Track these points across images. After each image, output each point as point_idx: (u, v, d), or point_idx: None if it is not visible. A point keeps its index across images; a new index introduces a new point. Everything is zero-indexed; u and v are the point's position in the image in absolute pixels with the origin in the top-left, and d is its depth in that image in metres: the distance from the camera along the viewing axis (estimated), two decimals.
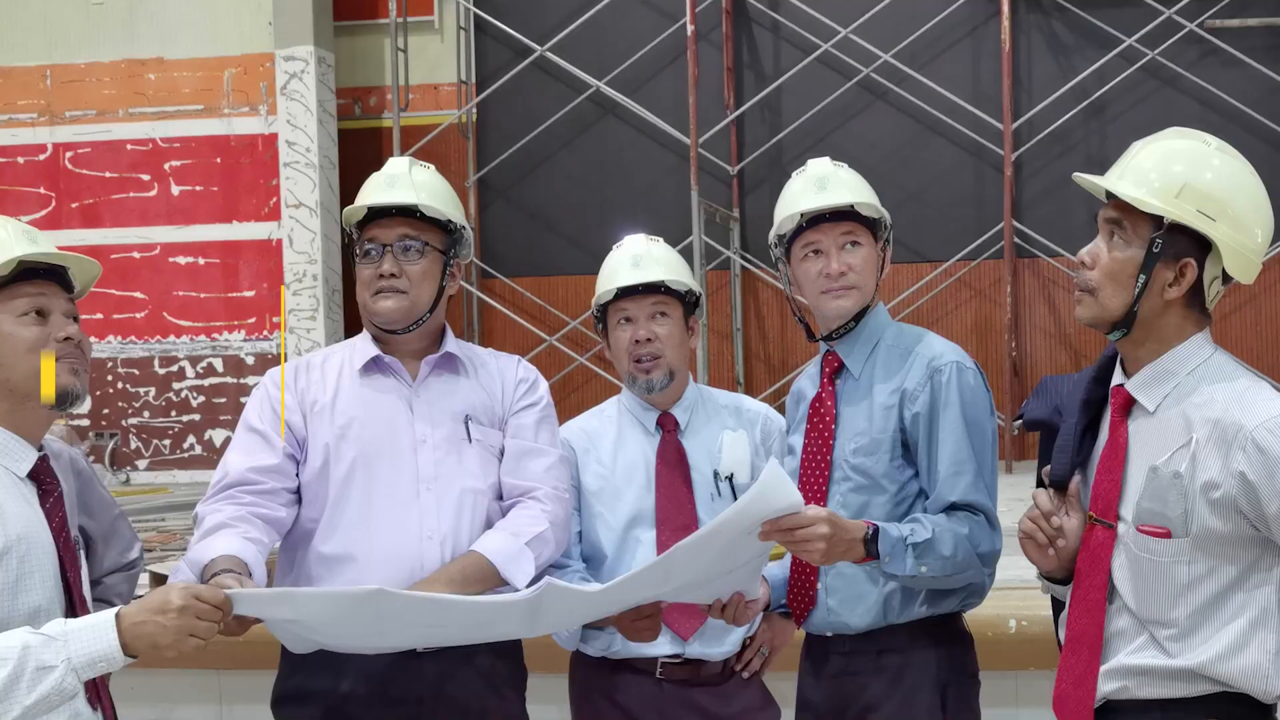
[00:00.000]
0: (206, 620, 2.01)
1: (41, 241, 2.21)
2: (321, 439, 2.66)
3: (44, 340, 2.13)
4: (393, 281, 2.68)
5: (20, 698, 1.92)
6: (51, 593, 2.13)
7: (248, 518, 2.54)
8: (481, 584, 2.59)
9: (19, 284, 2.14)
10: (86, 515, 2.92)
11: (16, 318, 2.13)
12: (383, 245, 2.70)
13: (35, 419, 2.17)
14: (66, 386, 2.14)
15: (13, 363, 2.12)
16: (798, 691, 2.76)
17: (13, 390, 2.13)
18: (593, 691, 2.91)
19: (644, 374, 2.87)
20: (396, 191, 2.71)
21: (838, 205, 2.65)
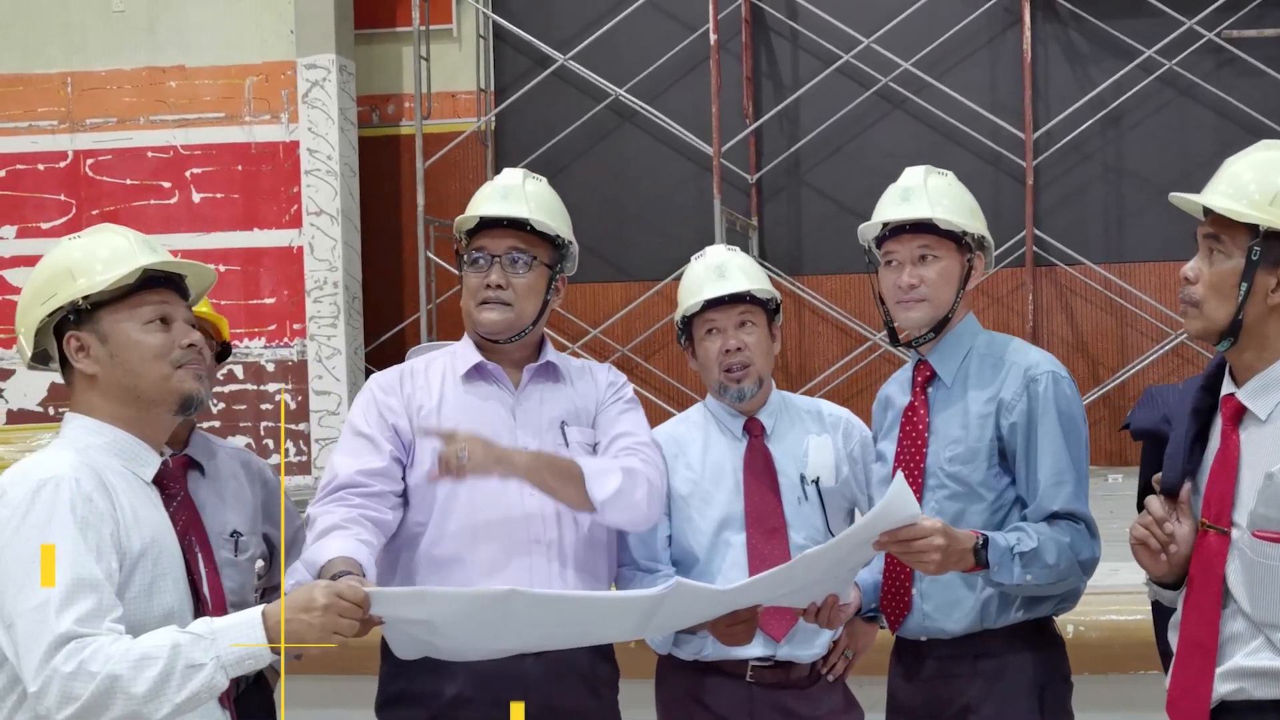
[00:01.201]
0: (348, 618, 2.04)
1: (160, 250, 2.24)
2: (429, 444, 2.70)
3: (169, 347, 2.16)
4: (499, 293, 2.73)
5: (171, 695, 1.94)
6: (182, 595, 2.17)
7: (359, 519, 2.59)
8: (562, 481, 2.63)
9: (142, 292, 2.17)
10: (271, 524, 2.97)
11: (142, 325, 2.16)
12: (491, 256, 2.75)
13: (159, 425, 2.21)
14: (191, 392, 2.18)
15: (140, 370, 2.15)
16: (889, 695, 2.79)
17: (139, 397, 2.16)
18: (682, 694, 2.94)
19: (735, 383, 2.91)
20: (509, 204, 2.76)
21: (915, 218, 2.70)
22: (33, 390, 9.56)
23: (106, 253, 2.17)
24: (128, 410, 2.16)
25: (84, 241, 2.22)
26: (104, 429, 2.15)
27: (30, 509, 2.01)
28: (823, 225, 9.92)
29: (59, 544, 1.99)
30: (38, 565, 1.97)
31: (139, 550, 2.08)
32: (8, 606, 1.98)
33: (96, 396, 2.16)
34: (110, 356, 2.15)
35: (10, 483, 2.06)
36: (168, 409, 2.18)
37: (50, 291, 2.17)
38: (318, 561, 2.49)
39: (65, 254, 2.20)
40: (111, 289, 2.14)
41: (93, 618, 1.96)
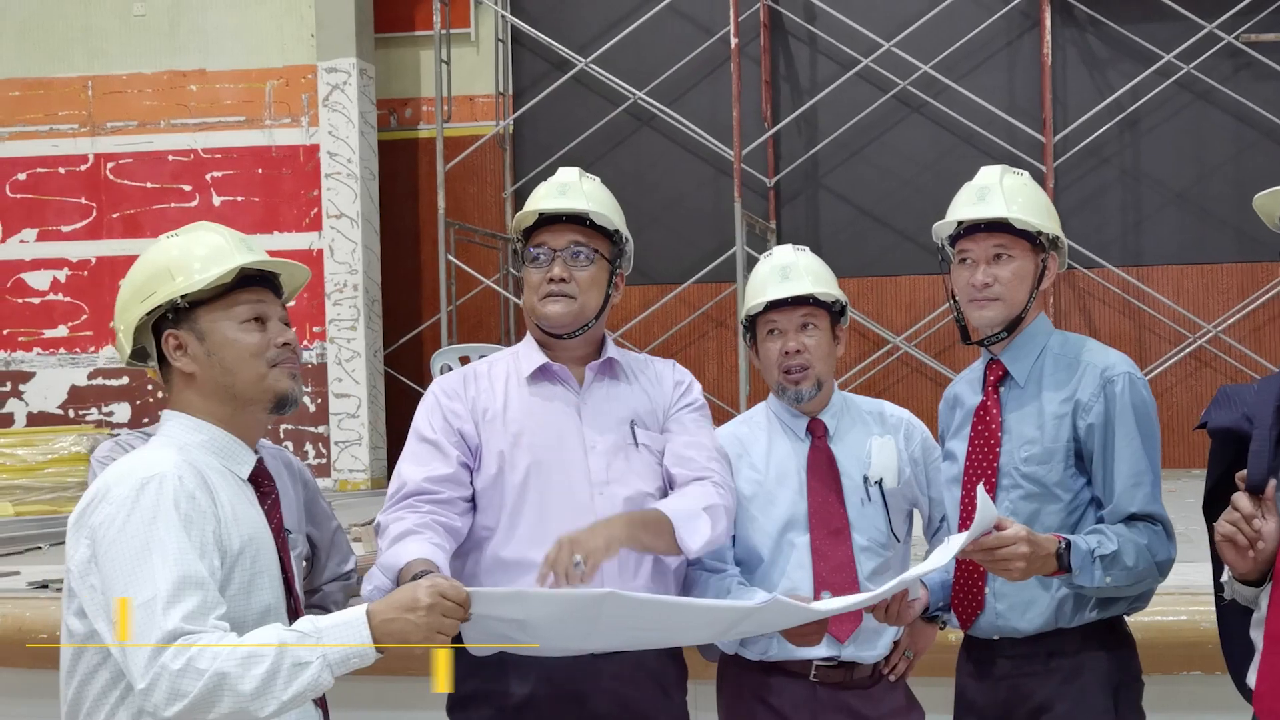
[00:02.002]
0: (451, 618, 2.04)
1: (256, 249, 2.25)
2: (495, 447, 2.71)
3: (264, 346, 2.17)
4: (562, 286, 2.73)
5: (277, 693, 1.95)
6: (278, 592, 2.18)
7: (431, 525, 2.59)
8: (655, 536, 2.63)
9: (238, 291, 2.18)
10: (313, 525, 2.97)
11: (239, 324, 2.17)
12: (553, 250, 2.75)
13: (254, 423, 2.22)
14: (286, 391, 2.19)
15: (236, 369, 2.16)
16: (958, 693, 2.80)
17: (235, 395, 2.17)
18: (746, 694, 2.94)
19: (793, 385, 2.91)
20: (568, 199, 2.77)
21: (991, 218, 2.71)
22: (53, 393, 9.57)
23: (204, 251, 2.18)
24: (224, 408, 2.18)
25: (182, 240, 2.22)
26: (203, 426, 2.17)
27: (135, 506, 2.02)
28: (841, 228, 9.94)
29: (164, 541, 2.00)
30: (143, 562, 1.99)
31: (239, 548, 2.09)
32: (114, 603, 1.99)
33: (194, 395, 2.18)
34: (207, 355, 2.16)
35: (115, 480, 2.07)
36: (263, 407, 2.19)
37: (149, 290, 2.18)
38: (396, 565, 2.49)
39: (164, 252, 2.21)
40: (209, 288, 2.15)
41: (198, 615, 1.97)
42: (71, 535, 2.09)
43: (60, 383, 9.47)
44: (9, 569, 5.56)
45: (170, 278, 2.17)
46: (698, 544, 2.64)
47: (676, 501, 2.68)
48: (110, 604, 2.00)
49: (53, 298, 9.41)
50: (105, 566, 2.01)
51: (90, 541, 2.04)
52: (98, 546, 2.03)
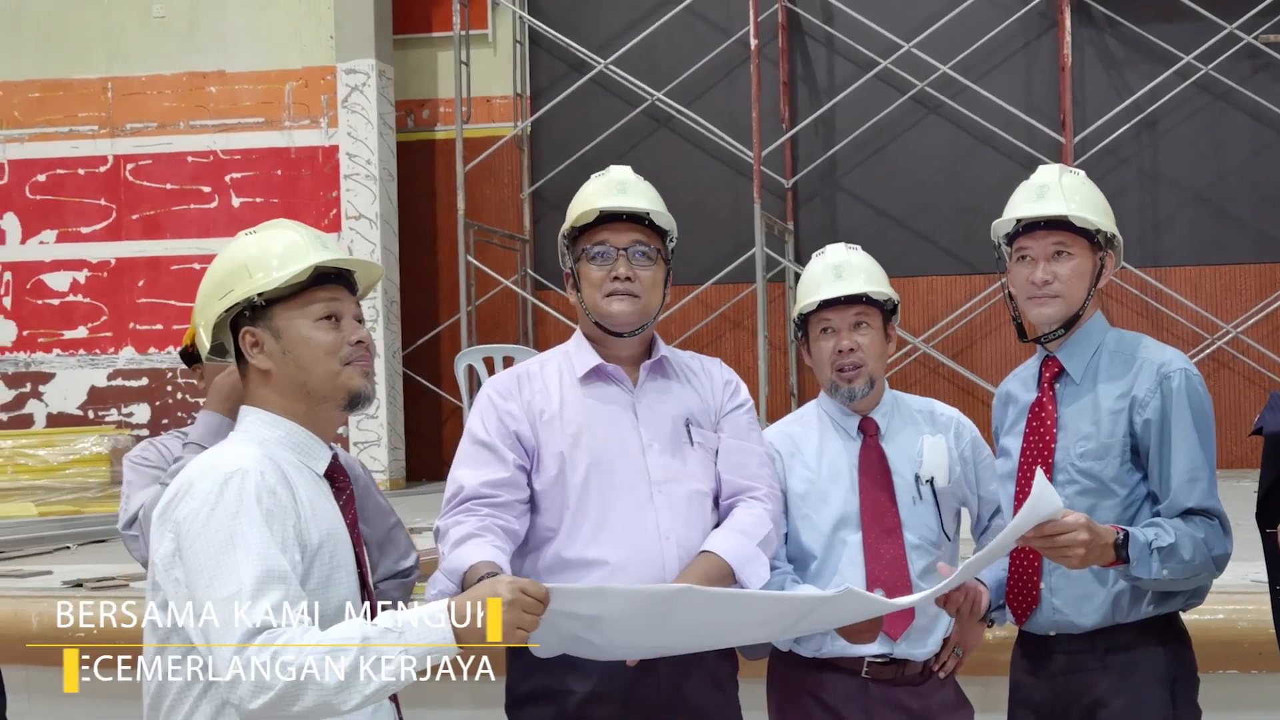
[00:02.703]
0: (531, 614, 2.04)
1: (332, 246, 2.26)
2: (555, 448, 2.71)
3: (339, 345, 2.18)
4: (628, 285, 2.74)
5: (361, 687, 1.96)
6: (354, 586, 2.19)
7: (491, 528, 2.59)
8: (719, 585, 2.64)
9: (314, 289, 2.19)
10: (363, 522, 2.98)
11: (314, 322, 2.18)
12: (616, 249, 2.75)
13: (328, 420, 2.23)
14: (359, 389, 2.19)
15: (311, 366, 2.17)
16: (1013, 688, 2.81)
17: (310, 393, 2.18)
18: (798, 691, 2.96)
19: (846, 383, 2.92)
20: (628, 198, 2.78)
21: (1051, 215, 2.72)
22: (72, 394, 9.60)
23: (281, 249, 2.19)
24: (300, 405, 2.19)
25: (259, 237, 2.24)
26: (280, 422, 2.18)
27: (219, 501, 2.04)
28: (858, 229, 9.94)
29: (248, 537, 2.02)
30: (227, 556, 2.00)
31: (317, 543, 2.11)
32: (199, 596, 2.01)
33: (270, 391, 2.19)
34: (283, 353, 2.17)
35: (197, 475, 2.09)
36: (336, 405, 2.20)
37: (228, 287, 2.20)
38: (460, 569, 2.50)
39: (242, 250, 2.23)
40: (285, 286, 2.17)
41: (281, 608, 1.98)
42: (155, 530, 2.11)
43: (80, 384, 9.49)
44: (41, 568, 5.58)
45: (248, 275, 2.18)
46: (758, 586, 2.66)
47: (734, 542, 2.68)
48: (193, 597, 2.02)
49: (72, 299, 9.44)
50: (189, 560, 2.03)
51: (174, 536, 2.07)
52: (182, 541, 2.05)
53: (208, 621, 1.99)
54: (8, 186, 9.44)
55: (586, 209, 2.79)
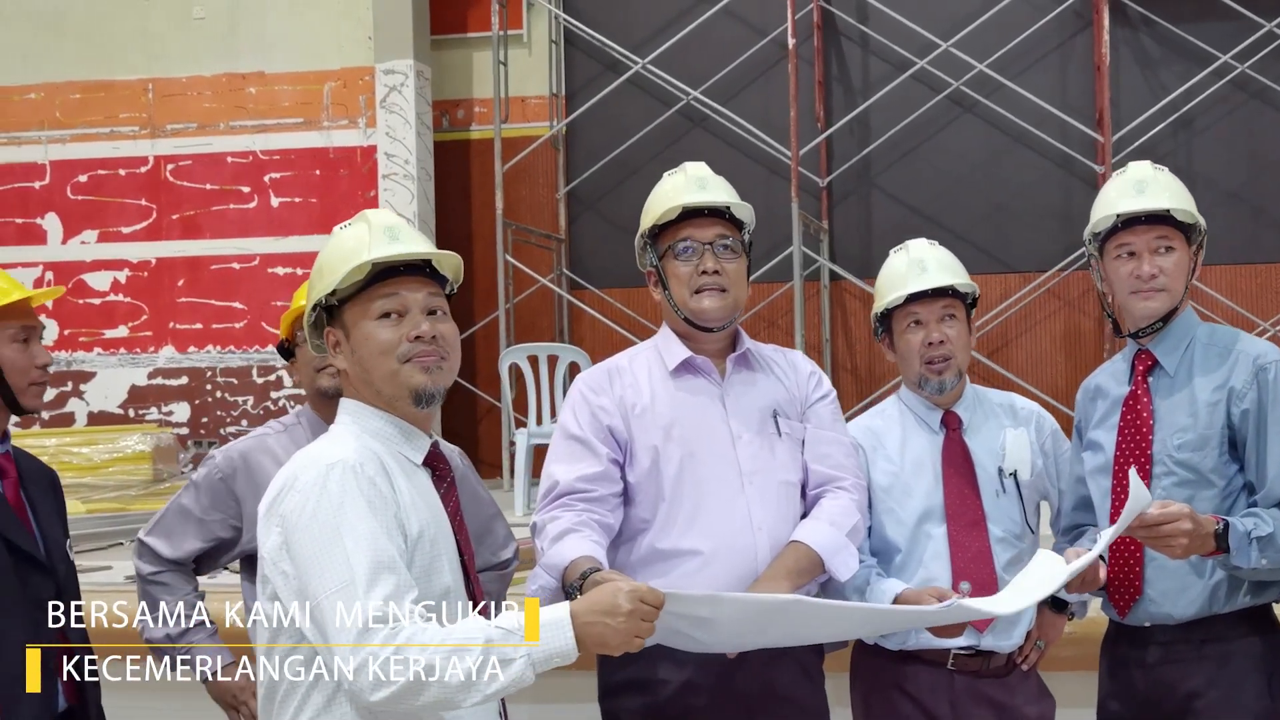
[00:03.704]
0: (649, 621, 2.05)
1: (404, 237, 2.20)
2: (647, 441, 2.75)
3: (396, 342, 2.15)
4: (716, 279, 2.77)
5: (482, 687, 1.96)
6: (457, 575, 2.19)
7: (588, 523, 2.63)
8: (810, 576, 2.69)
9: (377, 285, 2.17)
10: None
11: (375, 320, 2.16)
12: (701, 244, 2.79)
13: (410, 413, 2.20)
14: (419, 386, 2.15)
15: (371, 365, 2.16)
16: (1107, 679, 2.84)
17: (379, 392, 2.17)
18: (883, 683, 2.99)
19: (936, 375, 2.96)
20: (709, 193, 2.81)
21: (1154, 210, 2.75)
22: (113, 393, 9.66)
23: (350, 248, 2.18)
24: (380, 401, 2.18)
25: (341, 234, 2.24)
26: (374, 414, 2.18)
27: (323, 493, 2.04)
28: (893, 228, 9.94)
29: (355, 526, 2.02)
30: (335, 547, 2.00)
31: (417, 532, 2.11)
32: (311, 588, 2.01)
33: (352, 388, 2.20)
34: (352, 352, 2.17)
35: (300, 468, 2.10)
36: (405, 402, 2.17)
37: (311, 286, 2.24)
38: (560, 564, 2.54)
39: (325, 249, 2.24)
40: (349, 286, 2.16)
41: (396, 598, 1.98)
42: (263, 524, 2.12)
43: (120, 382, 9.54)
44: (100, 564, 5.64)
45: (321, 277, 2.20)
46: (847, 576, 2.71)
47: (823, 531, 2.72)
48: (304, 589, 2.02)
49: (113, 298, 9.50)
50: (297, 552, 2.04)
51: (281, 529, 2.07)
52: (289, 534, 2.06)
53: (321, 613, 1.99)
54: (49, 187, 9.52)
55: (669, 206, 2.82)
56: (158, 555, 3.06)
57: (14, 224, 9.54)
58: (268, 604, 2.10)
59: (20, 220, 9.57)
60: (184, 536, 3.06)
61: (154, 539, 3.09)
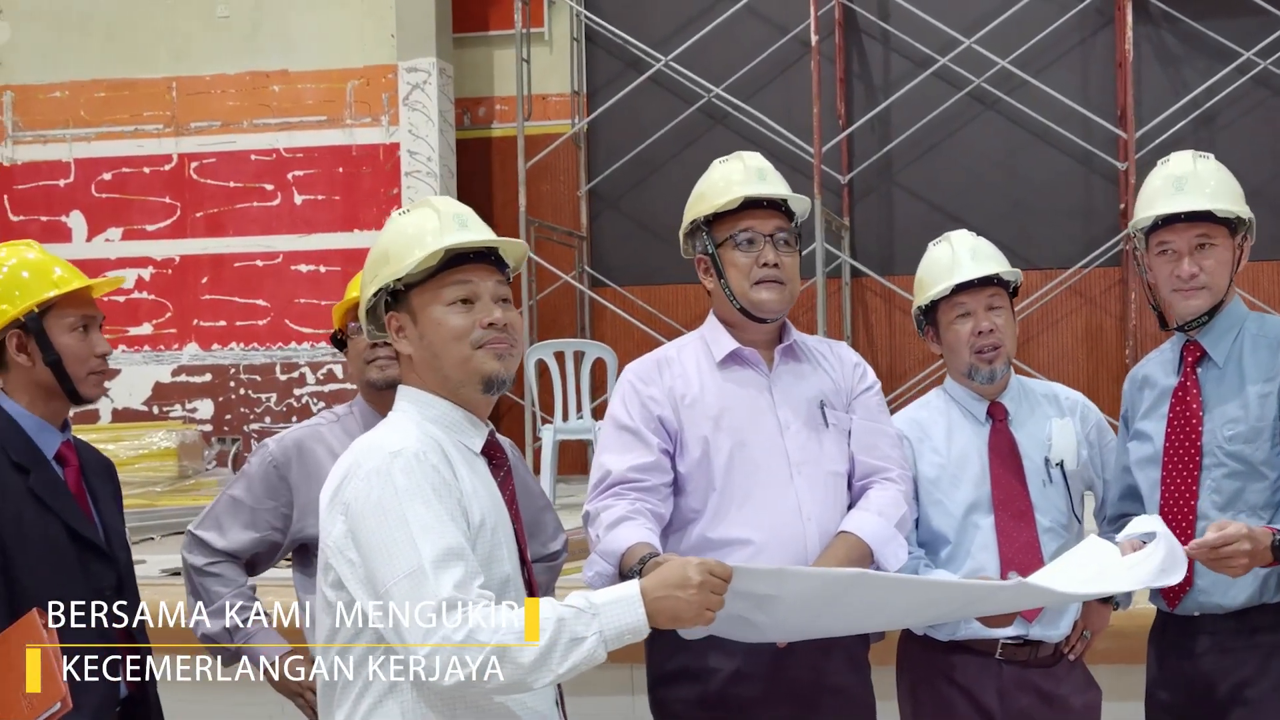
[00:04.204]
0: (718, 594, 2.05)
1: (472, 225, 2.23)
2: (697, 431, 2.76)
3: (469, 328, 2.16)
4: (775, 272, 2.78)
5: (554, 666, 1.97)
6: (515, 563, 2.19)
7: (641, 511, 2.65)
8: (859, 566, 2.69)
9: (448, 272, 2.17)
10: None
11: (446, 306, 2.16)
12: (763, 235, 2.80)
13: (474, 401, 2.21)
14: (491, 373, 2.17)
15: (442, 351, 2.16)
16: (1155, 670, 2.85)
17: (446, 377, 2.18)
18: (931, 672, 3.01)
19: (987, 364, 2.97)
20: (769, 185, 2.83)
21: (1192, 210, 2.76)
22: (137, 390, 9.70)
23: (415, 233, 2.18)
24: (444, 388, 2.19)
25: (403, 220, 2.23)
26: (435, 402, 2.18)
27: (388, 480, 2.04)
28: (914, 225, 9.96)
29: (421, 513, 2.02)
30: (401, 534, 2.00)
31: (478, 520, 2.11)
32: (379, 575, 2.01)
33: (415, 375, 2.20)
34: (420, 337, 2.17)
35: (363, 456, 2.10)
36: (473, 389, 2.18)
37: (373, 274, 2.22)
38: (617, 550, 2.56)
39: (386, 234, 2.23)
40: (419, 271, 2.16)
41: (465, 583, 1.99)
42: (326, 512, 2.12)
43: (144, 379, 9.59)
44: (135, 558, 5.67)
45: (386, 262, 2.19)
46: (896, 566, 2.72)
47: (872, 522, 2.74)
48: (372, 577, 2.03)
49: (137, 296, 9.54)
50: (362, 540, 2.04)
51: (345, 517, 2.07)
52: (353, 521, 2.06)
53: (391, 600, 1.99)
54: (74, 185, 9.56)
55: (730, 196, 2.82)
56: (210, 547, 3.07)
57: (39, 221, 9.58)
58: (331, 591, 2.11)
59: (45, 218, 9.61)
60: (235, 527, 3.07)
61: (205, 531, 3.10)
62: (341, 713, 2.12)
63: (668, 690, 2.78)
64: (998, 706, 2.93)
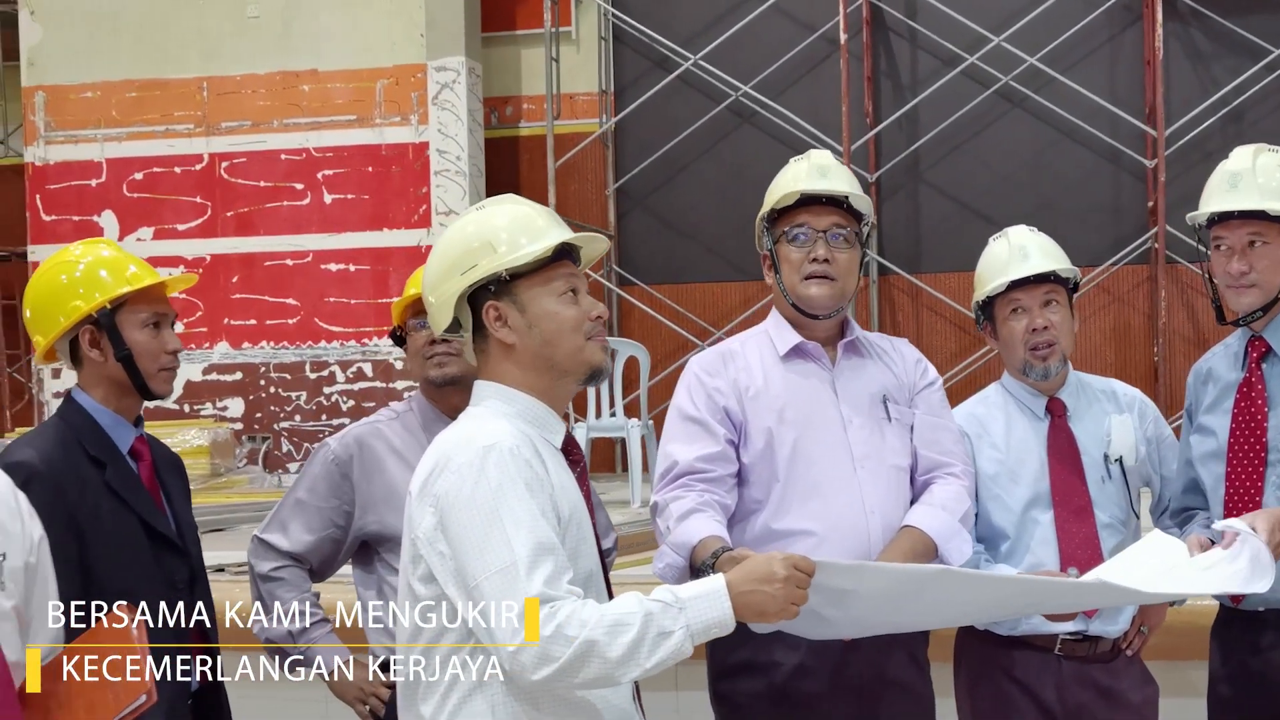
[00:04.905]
0: (803, 588, 2.07)
1: (560, 222, 2.27)
2: (761, 423, 2.78)
3: (582, 319, 2.19)
4: (825, 267, 2.80)
5: (641, 660, 1.98)
6: (595, 558, 2.21)
7: (711, 503, 2.66)
8: (923, 560, 2.71)
9: (555, 265, 2.20)
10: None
11: (557, 297, 2.19)
12: (815, 231, 2.82)
13: (565, 393, 2.24)
14: (600, 363, 2.22)
15: (557, 341, 2.18)
16: (1218, 665, 2.86)
17: (553, 366, 2.19)
18: (990, 668, 3.02)
19: (1041, 361, 2.99)
20: (829, 181, 2.84)
21: (1243, 209, 2.77)
22: None
23: (525, 225, 2.21)
24: (542, 380, 2.20)
25: (499, 213, 2.25)
26: (517, 396, 2.19)
27: (481, 474, 2.05)
28: (941, 223, 9.98)
29: (515, 509, 2.03)
30: (494, 528, 2.01)
31: (567, 515, 2.12)
32: (470, 569, 2.02)
33: (513, 365, 2.20)
34: (529, 327, 2.18)
35: (454, 450, 2.11)
36: (577, 379, 2.21)
37: (470, 263, 2.20)
38: (688, 543, 2.57)
39: (482, 226, 2.23)
40: (531, 261, 2.18)
41: (555, 579, 2.00)
42: (416, 505, 2.13)
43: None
44: None
45: (493, 251, 2.19)
46: (960, 561, 2.73)
47: (937, 517, 2.75)
48: (462, 571, 2.03)
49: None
50: (453, 534, 2.05)
51: (435, 509, 2.08)
52: (444, 515, 2.06)
53: (482, 595, 2.00)
54: (106, 185, 9.61)
55: (788, 191, 2.85)
56: (276, 550, 3.09)
57: (71, 221, 9.64)
58: (421, 585, 2.11)
59: (77, 217, 9.67)
60: (300, 528, 3.09)
61: (270, 534, 3.12)
62: (428, 708, 2.12)
63: (731, 684, 2.80)
64: (1056, 702, 2.95)
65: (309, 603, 3.06)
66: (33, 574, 2.13)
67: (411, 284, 3.15)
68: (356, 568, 3.18)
